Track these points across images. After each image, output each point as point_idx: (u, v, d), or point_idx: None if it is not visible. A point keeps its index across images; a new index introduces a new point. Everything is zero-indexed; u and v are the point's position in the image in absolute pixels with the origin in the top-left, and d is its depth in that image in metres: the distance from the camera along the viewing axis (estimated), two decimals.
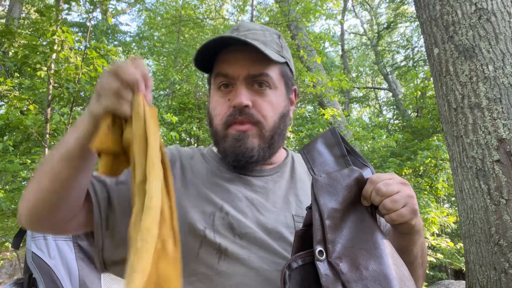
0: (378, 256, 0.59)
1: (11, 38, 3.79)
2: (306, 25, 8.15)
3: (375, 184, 0.65)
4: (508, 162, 1.80)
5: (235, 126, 0.81)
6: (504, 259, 1.75)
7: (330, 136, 0.75)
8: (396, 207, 0.63)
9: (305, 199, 0.86)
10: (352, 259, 0.59)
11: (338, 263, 0.58)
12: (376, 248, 0.60)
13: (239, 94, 0.79)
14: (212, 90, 0.87)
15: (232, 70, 0.81)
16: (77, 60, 3.66)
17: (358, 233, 0.62)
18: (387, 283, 0.56)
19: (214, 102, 0.85)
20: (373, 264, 0.58)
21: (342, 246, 0.60)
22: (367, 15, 15.30)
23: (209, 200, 0.78)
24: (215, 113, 0.84)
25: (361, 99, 14.76)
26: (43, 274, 0.90)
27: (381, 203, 0.64)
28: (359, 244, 0.60)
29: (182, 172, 0.85)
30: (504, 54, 1.93)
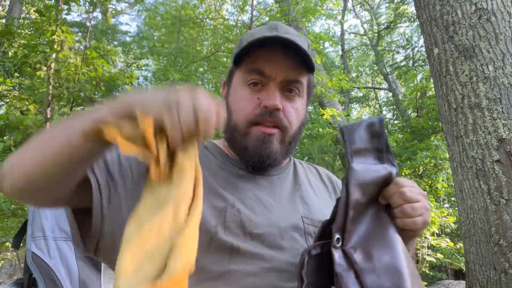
0: (392, 250, 0.60)
1: (10, 38, 3.79)
2: (306, 25, 8.15)
3: (399, 187, 0.66)
4: (508, 162, 1.80)
5: (262, 127, 0.79)
6: (504, 259, 1.75)
7: (377, 125, 0.72)
8: (413, 214, 0.65)
9: (312, 202, 0.86)
10: (366, 250, 0.60)
11: (352, 252, 0.59)
12: (391, 244, 0.61)
13: (272, 95, 0.78)
14: (236, 84, 0.84)
15: (270, 70, 0.78)
16: (77, 61, 3.66)
17: (374, 227, 0.63)
18: (399, 277, 0.56)
19: (239, 96, 0.82)
20: (386, 257, 0.59)
21: (358, 237, 0.62)
22: (367, 15, 15.31)
23: (220, 195, 0.76)
24: (238, 107, 0.81)
25: (361, 99, 14.75)
26: (43, 274, 0.90)
27: (401, 207, 0.65)
28: (375, 237, 0.62)
29: None
30: (504, 54, 1.93)
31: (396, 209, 0.66)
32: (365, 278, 0.57)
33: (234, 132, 0.82)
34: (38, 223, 0.97)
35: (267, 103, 0.77)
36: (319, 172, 1.03)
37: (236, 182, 0.81)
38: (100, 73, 3.74)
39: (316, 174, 1.02)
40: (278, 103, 0.78)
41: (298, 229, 0.78)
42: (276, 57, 0.79)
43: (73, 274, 0.98)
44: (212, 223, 0.71)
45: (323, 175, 1.03)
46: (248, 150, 0.80)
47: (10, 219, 3.70)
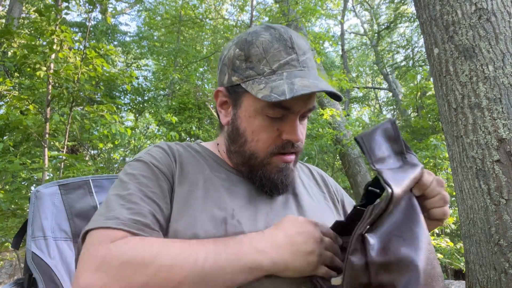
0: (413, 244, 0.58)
1: (10, 38, 3.79)
2: (306, 25, 8.15)
3: (433, 176, 0.68)
4: (508, 162, 1.80)
5: (283, 156, 0.79)
6: (504, 259, 1.75)
7: (391, 129, 0.72)
8: (449, 202, 0.68)
9: (306, 205, 0.86)
10: (385, 242, 0.58)
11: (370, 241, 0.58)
12: (415, 238, 0.59)
13: (296, 130, 0.76)
14: (249, 109, 0.78)
15: (296, 105, 0.75)
16: (76, 60, 3.66)
17: (403, 220, 0.62)
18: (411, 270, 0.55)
19: (255, 125, 0.77)
20: (404, 249, 0.57)
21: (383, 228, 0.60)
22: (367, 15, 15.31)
23: (218, 204, 0.75)
24: (256, 138, 0.78)
25: (361, 99, 14.76)
26: (43, 274, 0.90)
27: (440, 195, 0.67)
28: (399, 230, 0.60)
29: (181, 172, 0.81)
30: (504, 54, 1.93)
31: (435, 197, 0.67)
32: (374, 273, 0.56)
33: (250, 160, 0.80)
34: (38, 223, 0.97)
35: (291, 138, 0.77)
36: (312, 172, 1.03)
37: (231, 189, 0.80)
38: (100, 72, 3.74)
39: (309, 174, 1.02)
40: (301, 136, 0.78)
41: None
42: None
43: (73, 274, 0.98)
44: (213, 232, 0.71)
45: (315, 174, 1.02)
46: (270, 180, 0.80)
47: (10, 219, 3.70)
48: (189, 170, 0.82)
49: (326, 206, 0.92)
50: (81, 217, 1.06)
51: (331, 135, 6.61)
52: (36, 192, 1.01)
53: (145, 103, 9.15)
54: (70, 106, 3.81)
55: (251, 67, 0.75)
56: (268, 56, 0.74)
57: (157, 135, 6.89)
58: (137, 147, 7.23)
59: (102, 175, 1.15)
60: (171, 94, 9.70)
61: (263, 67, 0.74)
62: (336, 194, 0.99)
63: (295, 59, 0.75)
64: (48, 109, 3.64)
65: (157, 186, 0.75)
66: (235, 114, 0.81)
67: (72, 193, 1.07)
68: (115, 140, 5.64)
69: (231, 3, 11.19)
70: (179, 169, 0.81)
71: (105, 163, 7.37)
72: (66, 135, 3.74)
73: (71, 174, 3.44)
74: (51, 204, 1.02)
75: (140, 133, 7.75)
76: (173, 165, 0.81)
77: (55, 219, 1.01)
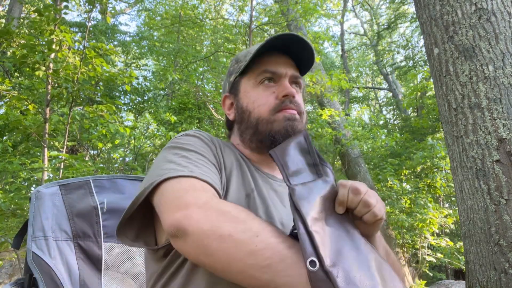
0: (368, 267, 0.56)
1: (9, 38, 3.79)
2: (306, 25, 8.15)
3: (348, 187, 0.66)
4: (508, 162, 1.80)
5: (286, 110, 0.87)
6: (504, 259, 1.75)
7: (303, 142, 0.74)
8: (373, 204, 0.66)
9: None
10: (344, 270, 0.55)
11: (335, 274, 0.53)
12: (365, 259, 0.58)
13: (288, 86, 0.88)
14: (247, 88, 0.92)
15: (280, 68, 0.90)
16: (75, 60, 3.65)
17: (341, 241, 0.59)
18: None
19: (255, 95, 0.90)
20: (366, 278, 0.55)
21: (331, 254, 0.56)
22: (367, 15, 15.30)
23: (243, 183, 0.83)
24: (258, 104, 0.89)
25: (361, 99, 14.76)
26: (44, 274, 0.90)
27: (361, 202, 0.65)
28: (349, 253, 0.57)
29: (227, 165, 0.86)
30: (504, 54, 1.93)
31: (358, 207, 0.66)
32: None
33: (257, 125, 0.88)
34: (38, 223, 0.97)
35: (286, 92, 0.87)
36: None
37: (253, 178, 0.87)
38: (99, 72, 3.74)
39: None
40: (294, 91, 0.88)
41: None
42: (281, 59, 0.92)
43: (74, 274, 0.98)
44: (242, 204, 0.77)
45: None
46: (277, 131, 0.86)
47: (10, 219, 3.70)
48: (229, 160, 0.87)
49: None
50: (81, 217, 1.06)
51: (330, 135, 6.61)
52: (36, 192, 1.01)
53: (144, 103, 9.15)
54: (70, 106, 3.81)
55: (239, 62, 0.95)
56: (249, 51, 0.93)
57: (156, 134, 6.89)
58: (137, 147, 7.22)
59: (102, 175, 1.15)
60: (171, 94, 9.70)
61: (246, 57, 0.92)
62: None
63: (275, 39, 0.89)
64: (47, 109, 3.63)
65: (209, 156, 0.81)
66: (237, 101, 0.94)
67: (73, 193, 1.07)
68: (115, 140, 5.64)
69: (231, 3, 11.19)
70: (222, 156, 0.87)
71: (105, 163, 7.36)
72: (66, 135, 3.74)
73: (70, 175, 3.43)
74: (52, 204, 1.02)
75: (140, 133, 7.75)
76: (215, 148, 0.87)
77: (55, 219, 1.01)
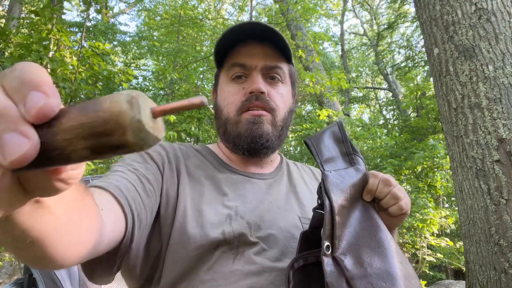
0: (382, 253, 0.59)
1: (6, 38, 3.78)
2: (306, 25, 8.15)
3: (379, 178, 0.68)
4: (508, 162, 1.80)
5: (250, 111, 0.82)
6: (504, 259, 1.75)
7: (338, 131, 0.76)
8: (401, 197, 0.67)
9: (307, 202, 0.87)
10: (356, 255, 0.59)
11: (342, 259, 0.58)
12: (381, 245, 0.60)
13: (256, 81, 0.82)
14: (222, 84, 0.89)
15: (250, 60, 0.84)
16: (73, 60, 3.66)
17: (362, 230, 0.63)
18: (391, 281, 0.56)
19: (226, 92, 0.86)
20: (377, 261, 0.58)
21: (347, 242, 0.61)
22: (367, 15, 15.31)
23: (221, 201, 0.77)
24: (227, 102, 0.85)
25: (361, 99, 14.76)
26: (43, 274, 0.90)
27: (390, 194, 0.67)
28: (364, 241, 0.61)
29: (187, 171, 0.82)
30: (504, 54, 1.93)
31: (386, 197, 0.68)
32: (357, 285, 0.56)
33: (226, 125, 0.85)
34: None
35: (252, 88, 0.82)
36: (314, 172, 1.05)
37: (234, 186, 0.82)
38: (97, 71, 3.73)
39: (311, 174, 1.03)
40: (261, 86, 0.82)
41: (297, 228, 0.79)
42: (254, 49, 0.85)
43: (73, 274, 0.98)
44: (219, 230, 0.71)
45: (317, 175, 1.04)
46: (240, 135, 0.82)
47: None
48: (193, 166, 0.84)
49: None
50: None
51: None
52: None
53: None
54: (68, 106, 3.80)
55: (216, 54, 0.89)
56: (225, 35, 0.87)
57: None
58: None
59: (102, 175, 1.15)
60: (170, 94, 9.70)
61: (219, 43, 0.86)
62: None
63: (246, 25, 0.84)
64: None
65: (142, 167, 0.74)
66: (216, 96, 0.91)
67: None
68: None
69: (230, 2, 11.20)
70: (182, 164, 0.82)
71: (104, 163, 7.36)
72: None
73: None
74: None
75: None
76: (165, 156, 0.81)
77: None
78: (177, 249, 0.70)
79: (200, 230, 0.70)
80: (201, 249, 0.69)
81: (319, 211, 0.66)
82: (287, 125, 0.88)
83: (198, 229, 0.70)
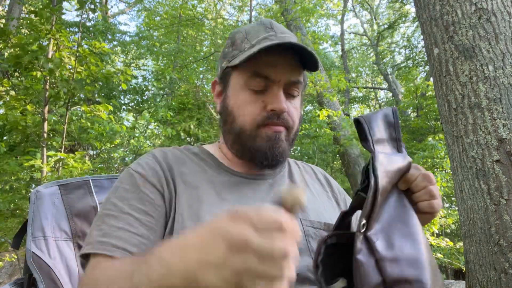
0: (414, 240, 0.60)
1: (6, 39, 3.78)
2: (306, 25, 8.14)
3: (421, 171, 0.68)
4: (508, 162, 1.80)
5: (271, 127, 0.79)
6: (504, 259, 1.75)
7: (391, 115, 0.75)
8: (436, 196, 0.68)
9: (308, 203, 0.85)
10: (388, 238, 0.60)
11: (374, 240, 0.59)
12: (413, 233, 0.61)
13: (279, 99, 0.78)
14: (235, 86, 0.82)
15: (275, 74, 0.78)
16: (71, 60, 3.66)
17: (396, 215, 0.64)
18: (420, 269, 0.57)
19: (241, 100, 0.81)
20: (408, 247, 0.59)
21: (381, 224, 0.61)
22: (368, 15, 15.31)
23: (222, 206, 0.76)
24: (243, 112, 0.81)
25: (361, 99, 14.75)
26: (43, 274, 0.90)
27: (426, 189, 0.67)
28: (397, 225, 0.62)
29: (182, 178, 0.80)
30: (504, 54, 1.93)
31: (421, 191, 0.68)
32: (386, 267, 0.57)
33: (240, 135, 0.81)
34: (38, 223, 0.97)
35: (275, 107, 0.78)
36: (315, 172, 1.03)
37: (234, 189, 0.81)
38: (94, 71, 3.73)
39: (312, 174, 1.01)
40: (285, 106, 0.78)
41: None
42: (280, 60, 0.79)
43: (73, 274, 0.98)
44: None
45: (318, 174, 1.02)
46: (260, 150, 0.80)
47: (9, 219, 3.69)
48: (190, 172, 0.82)
49: (329, 204, 0.92)
50: (81, 217, 1.05)
51: (329, 135, 6.61)
52: (36, 192, 1.01)
53: (144, 102, 9.14)
54: (67, 106, 3.81)
55: (235, 48, 0.83)
56: (249, 36, 0.82)
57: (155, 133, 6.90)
58: (136, 147, 7.22)
59: (102, 175, 1.14)
60: (171, 94, 9.69)
61: (244, 45, 0.81)
62: (339, 194, 0.99)
63: (273, 34, 0.80)
64: (46, 109, 3.63)
65: (135, 198, 0.74)
66: (225, 95, 0.86)
67: (72, 193, 1.07)
68: (114, 140, 5.64)
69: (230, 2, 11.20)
70: (177, 173, 0.81)
71: (104, 163, 7.36)
72: (64, 135, 3.74)
73: (67, 174, 3.43)
74: (51, 204, 1.02)
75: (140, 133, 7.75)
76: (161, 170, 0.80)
77: (55, 219, 1.01)
78: None
79: None
80: None
81: (361, 193, 0.66)
82: (296, 137, 0.87)
83: None
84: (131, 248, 0.67)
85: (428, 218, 0.71)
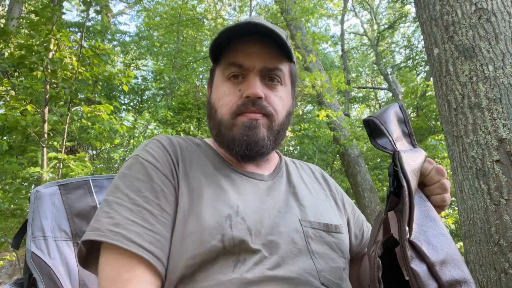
0: (446, 237, 0.59)
1: (6, 38, 3.78)
2: (306, 25, 8.15)
3: (434, 165, 0.68)
4: (508, 162, 1.80)
5: (247, 114, 0.78)
6: (504, 259, 1.75)
7: (399, 111, 0.73)
8: (448, 189, 0.67)
9: (307, 203, 0.84)
10: (427, 240, 0.58)
11: (419, 245, 0.57)
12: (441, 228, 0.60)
13: (253, 85, 0.78)
14: (217, 81, 0.84)
15: (248, 61, 0.79)
16: (72, 61, 3.66)
17: (422, 211, 0.62)
18: (463, 268, 0.56)
19: (221, 92, 0.82)
20: (446, 246, 0.57)
21: (416, 225, 0.59)
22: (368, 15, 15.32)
23: (223, 199, 0.74)
24: (222, 103, 0.81)
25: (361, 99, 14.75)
26: (43, 274, 0.90)
27: (439, 182, 0.67)
28: (426, 222, 0.60)
29: (185, 169, 0.79)
30: (504, 54, 1.93)
31: (435, 185, 0.67)
32: (438, 272, 0.54)
33: (220, 127, 0.81)
34: (38, 223, 0.97)
35: (248, 93, 0.77)
36: (313, 170, 1.02)
37: (235, 186, 0.79)
38: (96, 72, 3.73)
39: (310, 173, 1.01)
40: (259, 91, 0.78)
41: (298, 232, 0.76)
42: (253, 48, 0.80)
43: (73, 274, 0.98)
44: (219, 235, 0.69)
45: (316, 173, 1.02)
46: (235, 139, 0.79)
47: (9, 219, 3.70)
48: (193, 163, 0.81)
49: (327, 202, 0.92)
50: (81, 217, 1.05)
51: (328, 136, 6.61)
52: (36, 192, 1.01)
53: (144, 102, 9.15)
54: (68, 106, 3.81)
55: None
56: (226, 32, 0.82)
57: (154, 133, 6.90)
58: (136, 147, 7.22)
59: (102, 175, 1.14)
60: (171, 94, 9.70)
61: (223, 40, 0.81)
62: (337, 193, 0.98)
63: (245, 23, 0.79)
64: (46, 109, 3.63)
65: (149, 189, 0.72)
66: (211, 92, 0.88)
67: (72, 193, 1.07)
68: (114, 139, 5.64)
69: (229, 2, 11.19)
70: (181, 162, 0.79)
71: (104, 163, 7.36)
72: (64, 135, 3.74)
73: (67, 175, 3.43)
74: (51, 204, 1.02)
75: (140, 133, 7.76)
76: (171, 160, 0.79)
77: (55, 219, 1.01)
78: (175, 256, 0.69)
79: (199, 237, 0.68)
80: (199, 258, 0.67)
81: (393, 196, 0.63)
82: (284, 128, 0.85)
83: (196, 236, 0.68)
84: (148, 246, 0.65)
85: (438, 212, 0.70)
